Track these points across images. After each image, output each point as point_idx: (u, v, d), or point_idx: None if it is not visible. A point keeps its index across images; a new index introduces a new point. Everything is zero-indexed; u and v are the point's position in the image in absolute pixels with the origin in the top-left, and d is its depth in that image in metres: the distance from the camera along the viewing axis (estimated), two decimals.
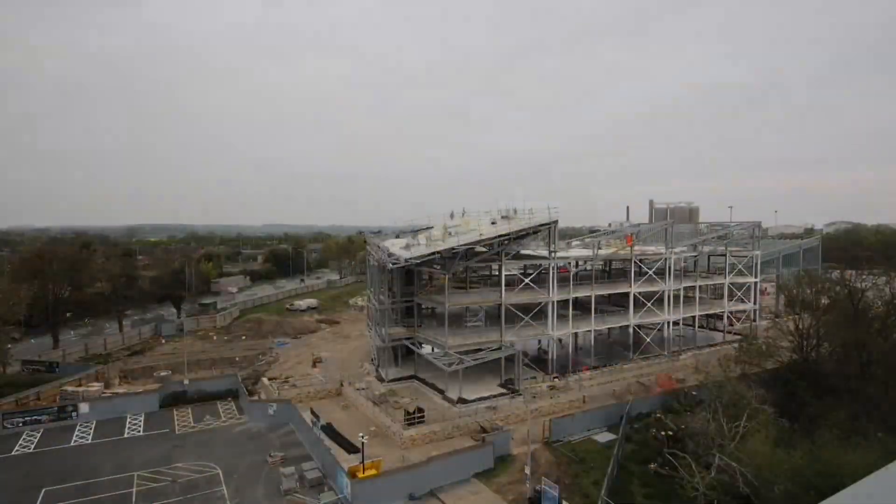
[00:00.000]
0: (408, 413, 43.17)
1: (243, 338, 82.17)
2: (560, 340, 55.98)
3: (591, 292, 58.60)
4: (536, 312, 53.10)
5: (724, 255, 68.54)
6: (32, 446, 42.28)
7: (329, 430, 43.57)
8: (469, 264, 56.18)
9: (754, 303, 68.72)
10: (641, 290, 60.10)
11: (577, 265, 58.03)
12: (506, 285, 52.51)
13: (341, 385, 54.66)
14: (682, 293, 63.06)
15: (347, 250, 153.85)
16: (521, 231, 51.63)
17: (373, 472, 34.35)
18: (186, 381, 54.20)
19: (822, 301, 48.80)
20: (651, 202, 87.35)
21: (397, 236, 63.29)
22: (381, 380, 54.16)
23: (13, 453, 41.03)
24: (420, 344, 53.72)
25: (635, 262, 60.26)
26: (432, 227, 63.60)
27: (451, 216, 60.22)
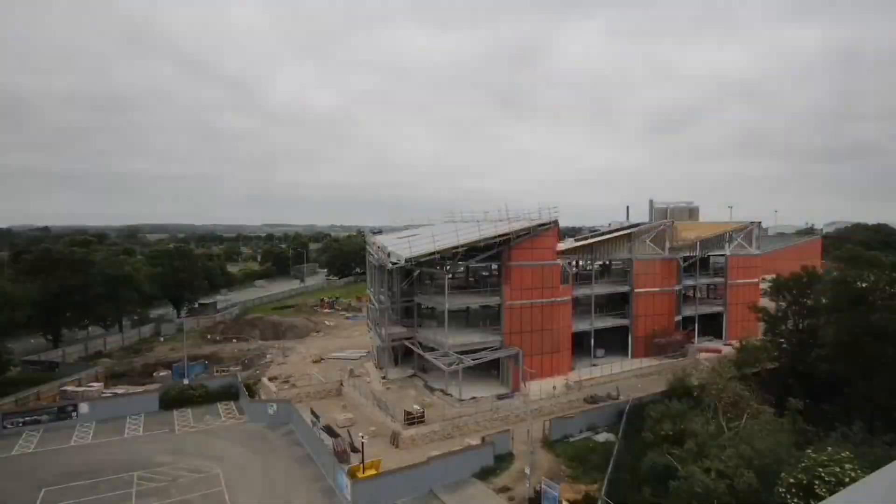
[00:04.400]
0: (408, 413, 43.20)
1: (238, 339, 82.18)
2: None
3: (590, 292, 58.85)
4: None
5: (724, 255, 68.83)
6: (32, 446, 42.25)
7: (329, 430, 43.55)
8: (469, 264, 56.24)
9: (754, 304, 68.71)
10: (641, 290, 60.21)
11: (577, 265, 58.09)
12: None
13: (341, 385, 54.70)
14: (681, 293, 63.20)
15: (346, 252, 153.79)
16: (521, 231, 51.70)
17: (372, 472, 34.39)
18: (186, 381, 54.22)
19: (822, 301, 48.74)
20: (651, 202, 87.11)
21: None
22: (382, 378, 54.22)
23: (13, 453, 40.99)
24: (420, 344, 53.74)
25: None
26: (433, 226, 63.64)
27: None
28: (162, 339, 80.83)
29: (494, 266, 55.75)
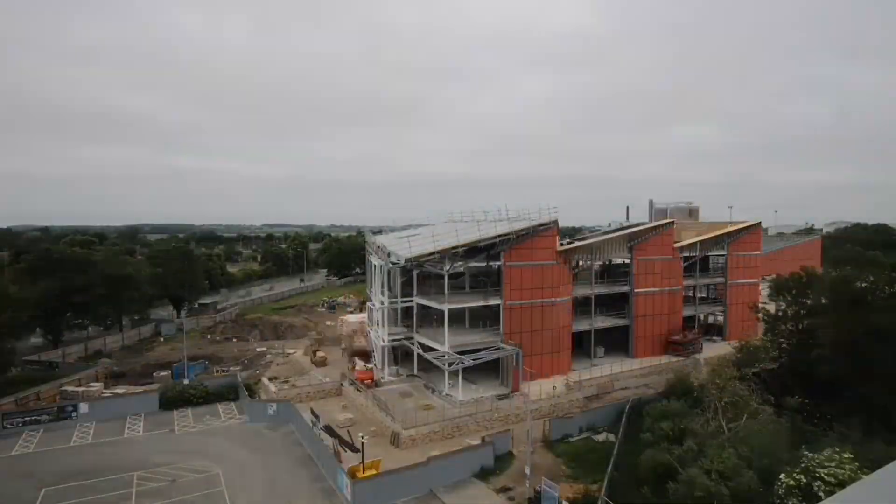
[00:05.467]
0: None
1: (238, 339, 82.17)
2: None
3: (590, 292, 58.85)
4: None
5: (724, 255, 68.94)
6: (32, 446, 42.27)
7: (329, 430, 43.58)
8: (470, 264, 56.22)
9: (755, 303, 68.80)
10: (640, 290, 60.28)
11: (577, 265, 58.11)
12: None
13: (341, 385, 54.70)
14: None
15: (346, 252, 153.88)
16: (521, 231, 51.71)
17: (372, 472, 34.40)
18: (186, 381, 54.21)
19: (822, 301, 48.71)
20: (651, 201, 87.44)
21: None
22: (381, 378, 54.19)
23: (13, 453, 41.01)
24: (420, 344, 53.72)
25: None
26: (434, 226, 63.61)
27: None
28: (162, 339, 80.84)
29: (495, 266, 55.73)
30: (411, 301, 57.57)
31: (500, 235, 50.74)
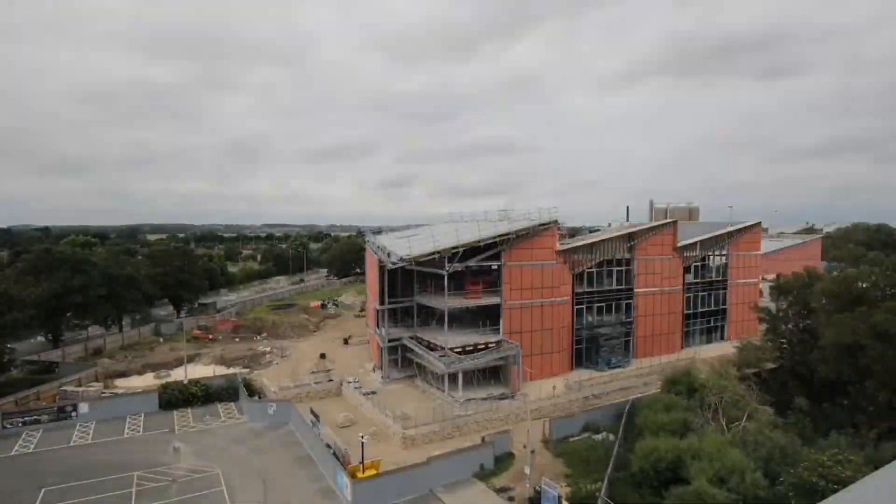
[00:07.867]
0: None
1: (240, 339, 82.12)
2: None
3: (591, 290, 58.86)
4: None
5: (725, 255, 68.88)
6: (32, 446, 42.22)
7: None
8: (470, 264, 56.19)
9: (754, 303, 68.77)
10: (641, 289, 60.25)
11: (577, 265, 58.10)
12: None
13: (341, 385, 54.67)
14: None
15: (346, 252, 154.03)
16: (521, 231, 51.68)
17: (372, 472, 34.38)
18: (186, 381, 54.17)
19: (822, 301, 48.68)
20: (651, 202, 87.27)
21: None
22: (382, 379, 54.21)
23: (13, 453, 40.99)
24: (420, 343, 53.70)
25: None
26: (432, 226, 63.52)
27: None
28: (161, 339, 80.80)
29: (495, 266, 55.66)
30: (412, 301, 57.60)
31: (500, 235, 50.71)
